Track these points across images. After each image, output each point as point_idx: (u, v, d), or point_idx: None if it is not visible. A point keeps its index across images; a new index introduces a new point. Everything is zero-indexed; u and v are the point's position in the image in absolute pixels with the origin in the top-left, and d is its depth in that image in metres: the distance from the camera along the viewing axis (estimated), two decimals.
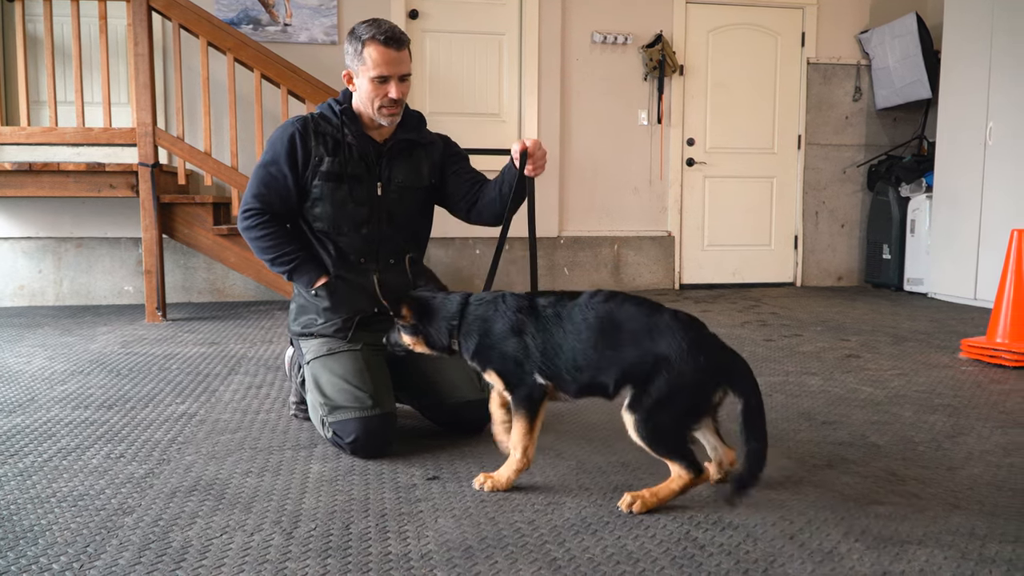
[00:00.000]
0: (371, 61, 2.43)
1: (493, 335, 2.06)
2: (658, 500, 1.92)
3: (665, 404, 1.87)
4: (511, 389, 2.06)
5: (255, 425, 2.69)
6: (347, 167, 2.51)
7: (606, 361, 1.93)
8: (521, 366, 2.02)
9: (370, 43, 2.43)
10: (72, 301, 5.87)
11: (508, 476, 2.07)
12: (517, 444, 2.05)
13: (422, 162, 2.63)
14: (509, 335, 2.04)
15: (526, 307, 2.05)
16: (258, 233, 2.54)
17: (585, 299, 2.00)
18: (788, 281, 7.14)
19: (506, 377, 2.05)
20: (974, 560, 1.66)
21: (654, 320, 1.93)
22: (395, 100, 2.47)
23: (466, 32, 6.40)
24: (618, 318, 1.95)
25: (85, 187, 4.94)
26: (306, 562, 1.65)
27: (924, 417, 2.80)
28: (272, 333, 4.58)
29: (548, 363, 1.99)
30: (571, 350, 1.97)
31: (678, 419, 1.90)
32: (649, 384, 1.87)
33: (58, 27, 5.43)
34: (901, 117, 7.07)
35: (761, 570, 1.62)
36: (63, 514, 1.89)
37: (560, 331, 1.98)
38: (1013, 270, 3.76)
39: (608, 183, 6.68)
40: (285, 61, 5.08)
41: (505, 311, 2.06)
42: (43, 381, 3.32)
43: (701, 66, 6.80)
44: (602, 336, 1.94)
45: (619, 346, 1.93)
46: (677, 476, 1.91)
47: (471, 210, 2.68)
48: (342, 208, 2.52)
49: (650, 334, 1.91)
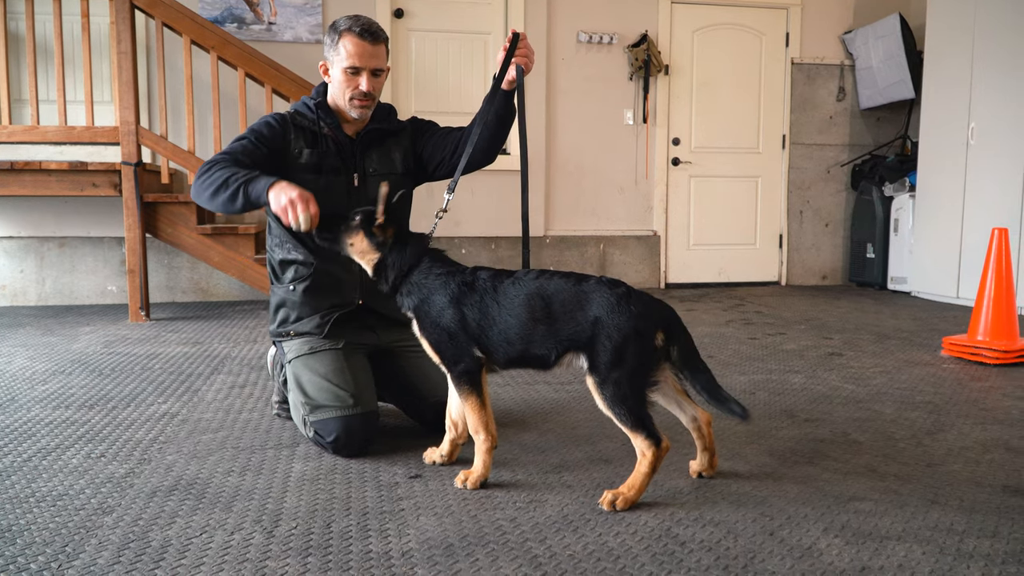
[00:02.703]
0: (345, 52, 2.44)
1: (432, 304, 2.10)
2: (637, 491, 1.95)
3: (617, 361, 1.93)
4: (448, 365, 2.09)
5: (237, 424, 2.68)
6: (325, 159, 2.51)
7: (539, 334, 2.00)
8: (457, 339, 2.05)
9: (346, 34, 2.44)
10: (55, 301, 5.83)
11: (483, 461, 2.08)
12: (477, 425, 2.07)
13: (394, 150, 2.63)
14: (447, 307, 2.07)
15: (468, 281, 2.09)
16: (209, 173, 2.27)
17: (520, 274, 2.08)
18: (773, 280, 7.17)
19: (442, 350, 2.09)
20: (952, 555, 1.67)
21: (581, 288, 2.01)
22: (366, 93, 2.47)
23: (451, 31, 6.39)
24: (548, 291, 2.02)
25: (67, 186, 4.91)
26: (286, 561, 1.65)
27: (905, 414, 2.82)
28: (256, 333, 4.56)
29: (483, 335, 2.04)
30: (504, 324, 2.02)
31: (633, 373, 1.94)
32: (596, 345, 1.94)
33: (40, 25, 5.38)
34: (884, 117, 7.11)
35: (741, 566, 1.62)
36: (42, 514, 1.88)
37: (495, 305, 2.04)
38: (994, 269, 3.78)
39: (594, 182, 6.69)
40: (269, 60, 5.06)
41: (448, 282, 2.09)
42: (24, 381, 3.29)
43: (686, 66, 6.82)
44: (534, 310, 2.01)
45: (552, 318, 1.99)
46: (642, 455, 1.95)
47: (455, 152, 2.60)
48: (321, 200, 2.50)
49: (579, 301, 1.99)
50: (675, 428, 2.33)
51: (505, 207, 6.38)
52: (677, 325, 2.01)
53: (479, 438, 2.07)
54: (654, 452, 1.93)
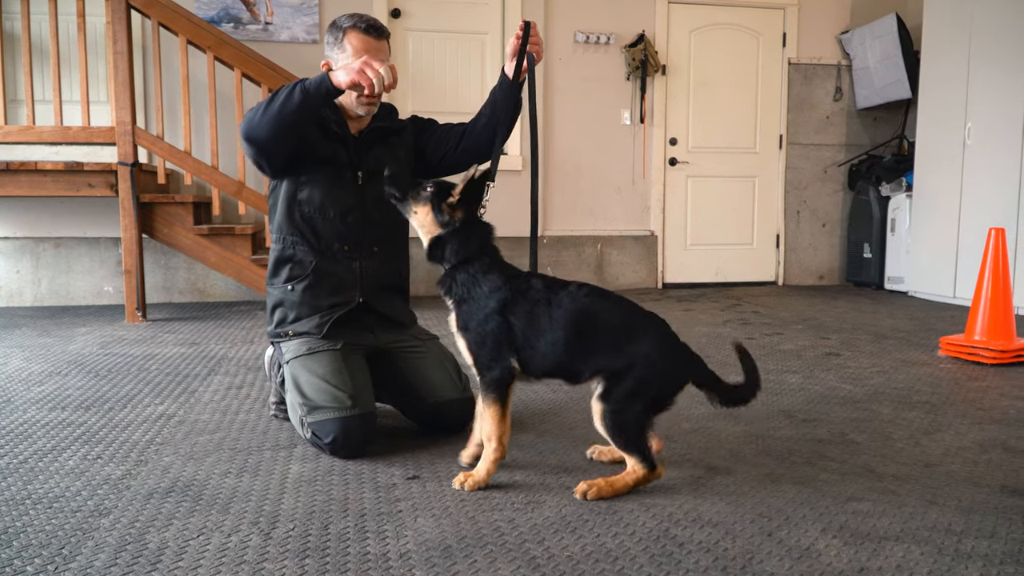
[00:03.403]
0: (351, 48, 2.43)
1: (480, 305, 2.06)
2: (613, 490, 1.99)
3: (634, 399, 1.96)
4: (481, 369, 2.06)
5: (234, 426, 2.67)
6: (335, 154, 2.51)
7: (583, 352, 2.01)
8: (498, 347, 2.03)
9: (351, 31, 2.44)
10: (51, 302, 5.81)
11: (487, 469, 2.07)
12: (492, 434, 2.05)
13: (397, 148, 2.63)
14: (495, 313, 2.04)
15: (522, 288, 2.07)
16: (254, 109, 2.33)
17: (573, 289, 2.07)
18: (770, 280, 7.18)
19: (478, 354, 2.06)
20: (950, 556, 1.67)
21: (634, 320, 2.03)
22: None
23: (449, 31, 6.38)
24: (601, 313, 2.03)
25: (63, 186, 4.89)
26: (284, 563, 1.64)
27: (903, 414, 2.82)
28: (253, 333, 4.55)
29: (527, 345, 2.03)
30: (551, 337, 2.01)
31: (642, 414, 1.99)
32: (623, 379, 1.96)
33: (36, 25, 5.36)
34: (881, 117, 7.12)
35: (739, 567, 1.62)
36: (38, 516, 1.87)
37: (546, 317, 2.03)
38: (991, 269, 3.79)
39: (591, 182, 6.69)
40: (266, 60, 5.05)
41: (501, 287, 2.07)
42: (20, 382, 3.28)
43: (683, 66, 6.82)
44: (584, 329, 2.01)
45: (599, 341, 2.01)
46: (632, 470, 2.00)
47: (459, 145, 2.61)
48: (329, 193, 2.51)
49: (631, 331, 2.01)
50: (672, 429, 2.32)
51: (505, 207, 6.35)
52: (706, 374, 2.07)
53: (490, 446, 2.05)
54: (645, 474, 2.00)
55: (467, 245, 2.11)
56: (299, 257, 2.52)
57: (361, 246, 2.56)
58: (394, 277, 2.68)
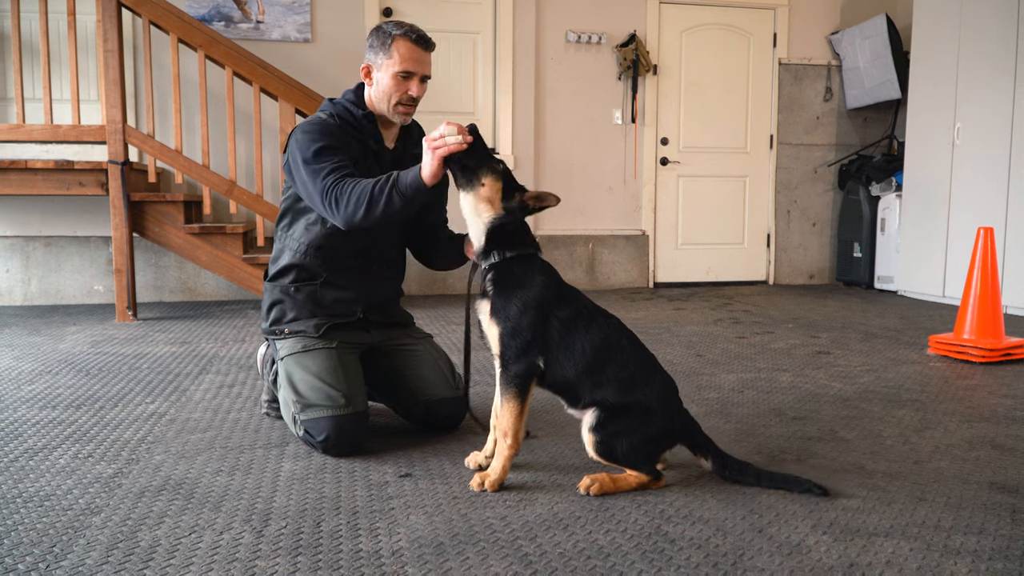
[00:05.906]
0: (399, 55, 2.43)
1: (523, 296, 2.05)
2: (615, 487, 2.01)
3: (628, 435, 2.01)
4: (506, 362, 2.04)
5: (226, 424, 2.67)
6: (371, 171, 2.46)
7: (597, 379, 2.03)
8: (532, 343, 2.03)
9: (400, 39, 2.44)
10: (41, 301, 5.79)
11: (502, 466, 2.06)
12: (508, 429, 2.03)
13: None
14: (537, 307, 2.05)
15: (568, 296, 2.11)
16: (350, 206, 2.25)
17: (612, 317, 2.13)
18: (761, 279, 7.20)
19: (509, 345, 2.04)
20: (939, 551, 1.69)
21: (648, 368, 2.08)
22: (413, 98, 2.48)
23: (440, 31, 6.37)
24: (624, 348, 2.07)
25: (54, 185, 4.87)
26: (276, 560, 1.64)
27: (892, 412, 2.83)
28: (244, 332, 4.54)
29: (557, 351, 2.04)
30: (580, 352, 2.03)
31: (636, 448, 2.03)
32: (621, 417, 2.01)
33: (26, 23, 5.35)
34: (871, 117, 7.15)
35: (730, 563, 1.63)
36: (29, 514, 1.87)
37: (584, 332, 2.05)
38: (979, 268, 3.81)
39: (582, 182, 6.70)
40: (257, 58, 5.04)
41: (550, 285, 2.09)
42: (10, 381, 3.27)
43: (674, 66, 6.84)
44: (613, 356, 2.05)
45: (612, 373, 2.04)
46: (636, 476, 2.04)
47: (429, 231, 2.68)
48: None
49: (640, 378, 2.05)
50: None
51: None
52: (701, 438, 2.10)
53: (506, 442, 2.04)
54: (648, 480, 2.04)
55: (522, 233, 2.14)
56: (311, 267, 2.51)
57: (374, 261, 2.58)
58: (395, 292, 2.71)
